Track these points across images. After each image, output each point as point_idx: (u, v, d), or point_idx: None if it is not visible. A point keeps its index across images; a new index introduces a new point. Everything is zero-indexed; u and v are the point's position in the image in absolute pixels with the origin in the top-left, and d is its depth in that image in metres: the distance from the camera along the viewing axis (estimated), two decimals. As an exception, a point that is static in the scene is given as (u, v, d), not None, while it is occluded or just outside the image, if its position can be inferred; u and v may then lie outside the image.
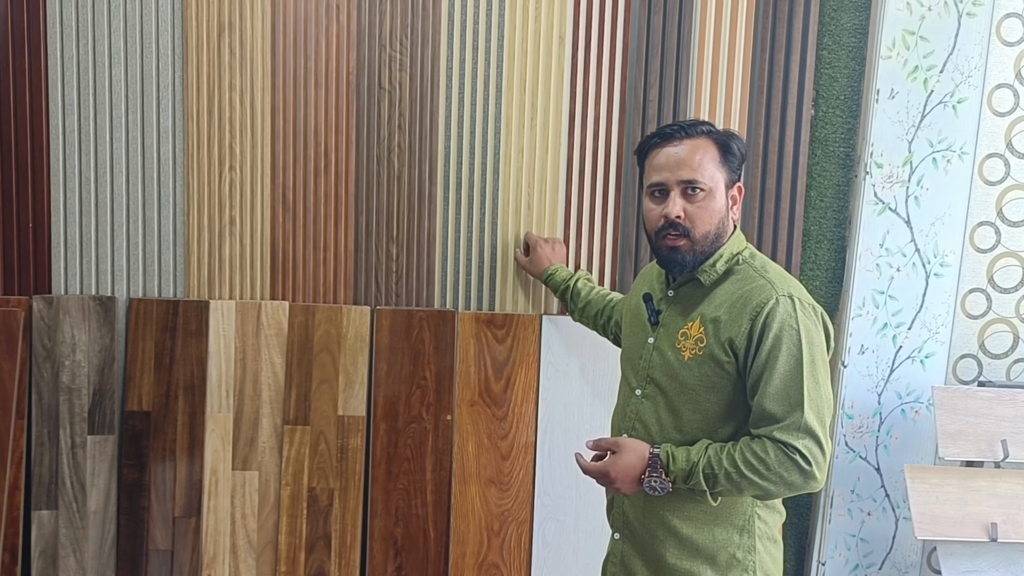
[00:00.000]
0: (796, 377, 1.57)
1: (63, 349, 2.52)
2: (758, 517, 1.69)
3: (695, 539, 1.69)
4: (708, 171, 1.64)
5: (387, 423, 2.57)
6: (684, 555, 1.70)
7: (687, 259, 1.66)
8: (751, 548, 1.68)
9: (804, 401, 1.56)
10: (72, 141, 2.50)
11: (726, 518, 1.68)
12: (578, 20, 2.52)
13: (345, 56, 2.53)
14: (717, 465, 1.59)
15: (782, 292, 1.62)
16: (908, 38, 2.45)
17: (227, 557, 2.57)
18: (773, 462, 1.56)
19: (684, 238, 1.65)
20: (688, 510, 1.69)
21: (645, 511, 1.74)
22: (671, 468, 1.63)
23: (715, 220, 1.65)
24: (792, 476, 1.56)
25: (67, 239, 2.53)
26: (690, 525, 1.69)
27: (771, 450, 1.56)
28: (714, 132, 1.68)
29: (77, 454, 2.53)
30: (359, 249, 2.59)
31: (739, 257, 1.69)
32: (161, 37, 2.49)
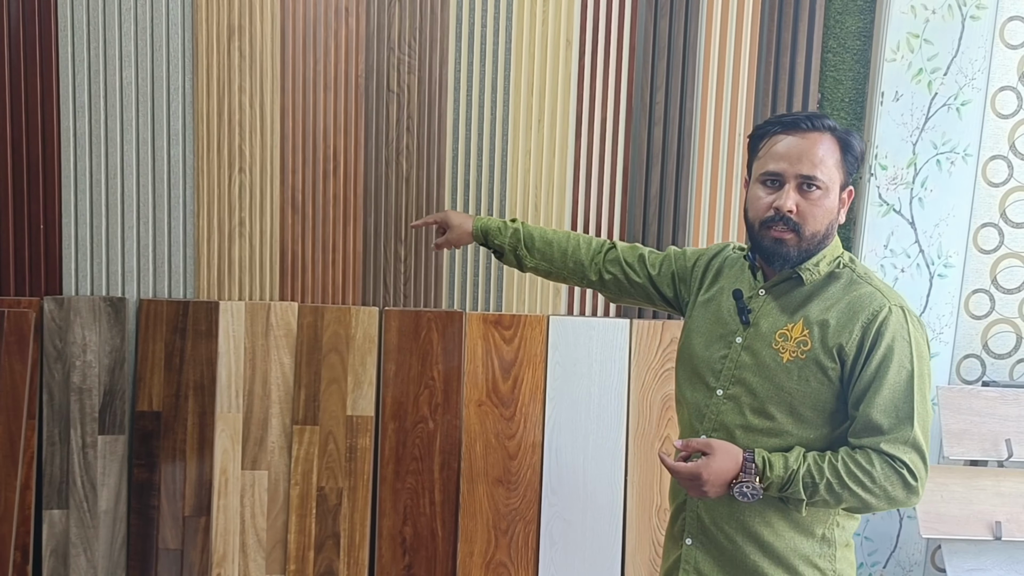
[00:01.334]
0: (907, 390, 1.52)
1: (74, 350, 2.54)
2: (838, 525, 1.63)
3: (776, 546, 1.62)
4: (828, 169, 1.55)
5: (395, 423, 2.59)
6: (765, 562, 1.62)
7: (791, 254, 1.57)
8: (832, 557, 1.63)
9: (913, 415, 1.52)
10: (83, 143, 2.52)
11: (808, 526, 1.62)
12: (585, 23, 2.54)
13: (354, 59, 2.55)
14: (818, 475, 1.52)
15: (894, 303, 1.56)
16: (912, 41, 2.47)
17: (237, 556, 2.59)
18: (879, 475, 1.50)
19: (792, 233, 1.56)
20: (770, 516, 1.62)
21: (724, 516, 1.65)
22: (767, 475, 1.54)
23: (826, 220, 1.57)
24: (896, 490, 1.52)
25: (78, 240, 2.55)
26: (772, 532, 1.62)
27: (877, 462, 1.51)
28: (837, 129, 1.59)
29: (88, 454, 2.55)
30: (368, 250, 2.61)
31: (839, 261, 1.62)
32: (171, 40, 2.51)
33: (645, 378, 2.59)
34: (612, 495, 2.60)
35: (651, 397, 2.59)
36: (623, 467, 2.60)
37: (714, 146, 2.57)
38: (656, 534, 2.60)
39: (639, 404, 2.60)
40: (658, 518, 2.60)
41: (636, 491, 2.60)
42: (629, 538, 2.60)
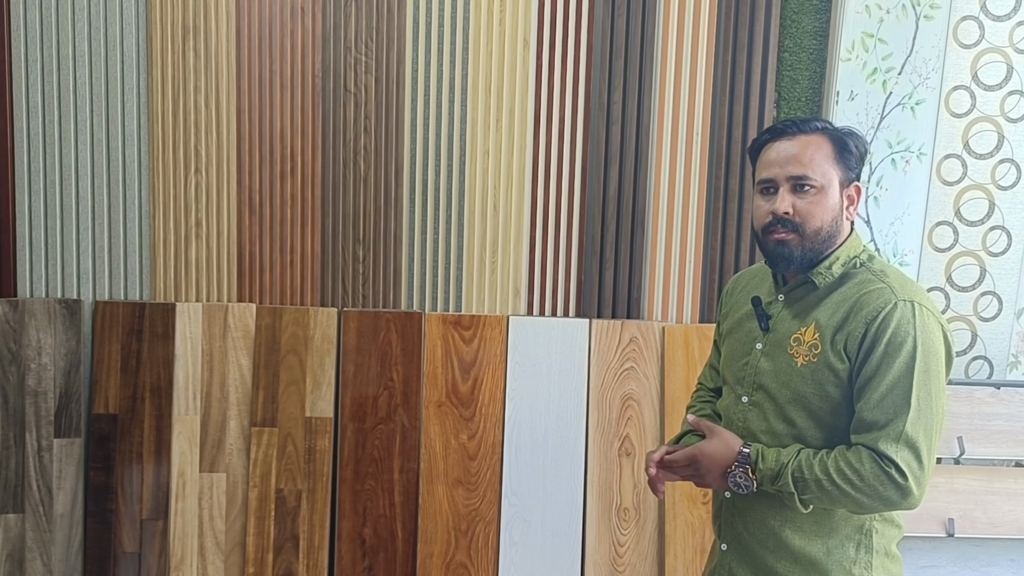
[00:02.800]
0: (905, 385, 1.48)
1: (29, 352, 2.51)
2: (876, 531, 1.59)
3: (808, 552, 1.58)
4: (820, 167, 1.56)
5: (355, 424, 2.58)
6: (796, 569, 1.59)
7: (795, 254, 1.58)
8: (868, 564, 1.58)
9: (909, 410, 1.47)
10: (37, 144, 2.50)
11: (841, 531, 1.58)
12: (542, 22, 2.54)
13: (311, 59, 2.53)
14: (808, 470, 1.51)
15: (902, 297, 1.52)
16: (867, 40, 2.48)
17: (195, 559, 2.57)
18: (868, 474, 1.47)
19: (794, 233, 1.57)
20: (800, 521, 1.59)
21: (754, 521, 1.64)
22: (759, 466, 1.54)
23: (827, 218, 1.57)
24: (887, 491, 1.47)
25: (32, 242, 2.53)
26: (802, 537, 1.59)
27: (866, 461, 1.48)
28: (829, 129, 1.60)
29: (43, 457, 2.53)
30: (326, 251, 2.60)
31: (857, 260, 1.60)
32: (126, 40, 2.49)
33: (605, 377, 2.59)
34: (572, 495, 2.60)
35: (610, 396, 2.60)
36: (583, 467, 2.60)
37: (672, 145, 2.57)
38: (616, 534, 2.60)
39: (599, 404, 2.60)
40: (618, 517, 2.60)
41: (596, 491, 2.60)
42: (589, 538, 2.60)
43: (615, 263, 2.61)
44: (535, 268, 2.61)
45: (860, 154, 1.61)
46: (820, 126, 1.59)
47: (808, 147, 1.57)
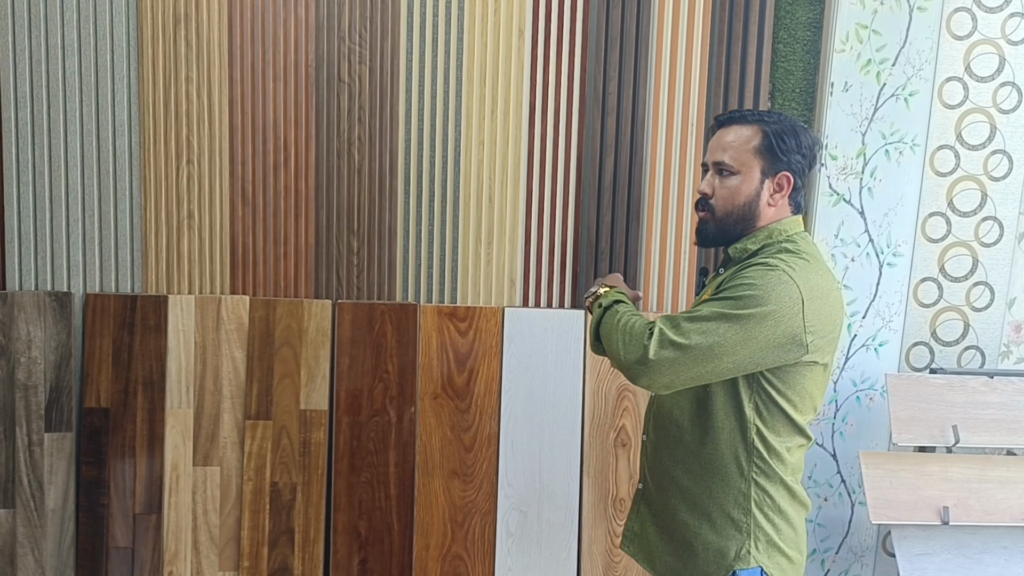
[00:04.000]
0: (718, 307, 1.59)
1: (18, 346, 2.48)
2: (755, 483, 1.69)
3: (694, 492, 1.72)
4: (740, 156, 1.70)
5: (350, 417, 2.57)
6: (684, 507, 1.74)
7: (709, 231, 1.75)
8: (747, 511, 1.69)
9: (700, 314, 1.59)
10: (25, 134, 2.46)
11: (723, 476, 1.69)
12: (537, 13, 2.53)
13: (304, 48, 2.51)
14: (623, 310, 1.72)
15: (773, 264, 1.62)
16: (861, 32, 2.49)
17: (189, 553, 2.56)
18: (637, 328, 1.64)
19: (709, 213, 1.74)
20: (689, 463, 1.73)
21: (656, 460, 1.80)
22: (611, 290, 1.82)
23: (738, 201, 1.70)
24: (634, 347, 1.61)
25: (21, 234, 2.49)
26: (690, 477, 1.73)
27: (644, 325, 1.65)
28: (767, 122, 1.71)
29: (34, 452, 2.50)
30: (320, 243, 2.58)
31: (778, 239, 1.71)
32: (116, 29, 2.46)
33: (600, 368, 2.59)
34: (568, 486, 2.60)
35: (606, 387, 2.60)
36: (579, 458, 2.60)
37: (667, 135, 2.57)
38: (612, 524, 2.60)
39: (594, 395, 2.60)
40: (614, 508, 2.60)
41: (592, 482, 2.60)
42: (585, 529, 2.61)
43: (611, 254, 2.61)
44: (530, 259, 2.61)
45: (796, 147, 1.70)
46: (756, 118, 1.72)
47: (736, 136, 1.72)
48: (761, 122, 1.72)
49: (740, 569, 1.68)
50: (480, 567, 2.61)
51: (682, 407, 1.75)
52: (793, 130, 1.72)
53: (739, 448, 1.69)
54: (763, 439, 1.68)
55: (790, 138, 1.70)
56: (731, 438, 1.69)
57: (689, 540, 1.73)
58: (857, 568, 2.68)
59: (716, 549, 1.70)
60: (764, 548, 1.69)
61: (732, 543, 1.69)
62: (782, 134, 1.70)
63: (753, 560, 1.68)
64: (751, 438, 1.68)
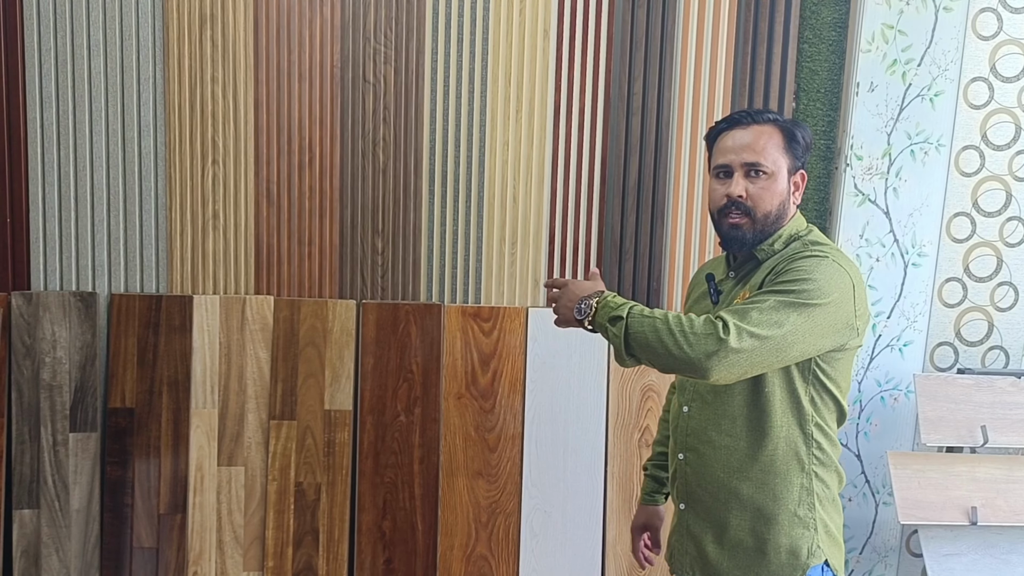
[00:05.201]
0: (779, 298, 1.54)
1: (43, 346, 2.48)
2: (816, 476, 1.68)
3: (756, 499, 1.68)
4: (771, 155, 1.68)
5: (374, 417, 2.57)
6: (748, 517, 1.69)
7: (747, 236, 1.69)
8: (811, 506, 1.68)
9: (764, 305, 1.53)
10: (51, 135, 2.46)
11: (785, 475, 1.67)
12: (563, 14, 2.53)
13: (329, 49, 2.51)
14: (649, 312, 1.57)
15: (819, 253, 1.62)
16: (887, 32, 2.49)
17: (213, 553, 2.55)
18: (698, 325, 1.52)
19: (746, 217, 1.68)
20: (747, 470, 1.69)
21: (707, 476, 1.74)
22: (607, 299, 1.63)
23: (776, 202, 1.69)
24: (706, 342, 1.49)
25: (46, 234, 2.49)
26: (750, 485, 1.68)
27: (701, 319, 1.54)
28: (780, 120, 1.72)
29: (59, 452, 2.50)
30: (344, 243, 2.58)
31: (797, 235, 1.72)
32: (142, 29, 2.46)
33: (624, 369, 2.59)
34: (592, 486, 2.60)
35: (630, 388, 2.60)
36: (603, 458, 2.60)
37: (692, 136, 2.57)
38: (636, 524, 2.60)
39: (618, 395, 2.59)
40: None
41: (616, 482, 2.60)
42: (609, 529, 2.60)
43: (635, 255, 2.61)
44: (554, 260, 2.61)
45: (806, 144, 1.73)
46: (771, 117, 1.72)
47: (761, 136, 1.69)
48: (775, 122, 1.72)
49: (813, 565, 1.67)
50: (505, 567, 2.61)
51: (733, 416, 1.69)
52: (799, 125, 1.74)
53: (799, 443, 1.67)
54: (820, 429, 1.68)
55: (800, 134, 1.72)
56: (791, 434, 1.66)
57: (760, 548, 1.69)
58: (881, 568, 2.68)
59: (789, 551, 1.67)
60: (827, 540, 1.70)
61: (803, 541, 1.68)
62: (795, 131, 1.72)
63: (822, 553, 1.68)
64: (810, 430, 1.67)
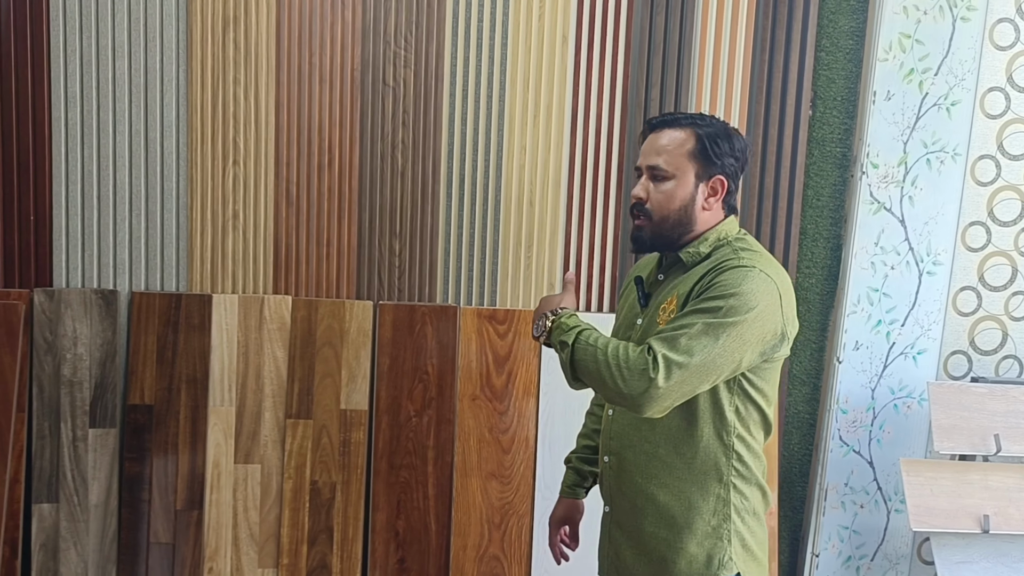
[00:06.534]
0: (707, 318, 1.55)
1: (64, 342, 2.51)
2: (734, 487, 1.67)
3: (672, 506, 1.68)
4: (674, 160, 1.68)
5: (389, 417, 2.59)
6: (663, 524, 1.69)
7: (646, 238, 1.72)
8: (727, 516, 1.67)
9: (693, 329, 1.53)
10: (75, 134, 2.50)
11: (702, 485, 1.67)
12: (581, 19, 2.55)
13: (350, 52, 2.54)
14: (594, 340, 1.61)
15: (747, 264, 1.61)
16: (904, 41, 2.50)
17: (229, 550, 2.58)
18: (633, 358, 1.54)
19: (647, 219, 1.71)
20: (664, 477, 1.69)
21: (627, 481, 1.75)
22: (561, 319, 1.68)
23: (675, 206, 1.69)
24: (638, 379, 1.52)
25: (68, 232, 2.53)
26: (667, 492, 1.68)
27: (638, 350, 1.55)
28: (700, 125, 1.70)
29: (78, 447, 2.53)
30: (362, 244, 2.60)
31: (725, 240, 1.71)
32: (166, 31, 2.49)
33: (638, 373, 2.60)
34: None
35: (644, 392, 2.61)
36: (616, 461, 2.61)
37: (708, 143, 2.58)
38: (648, 528, 2.61)
39: (632, 399, 2.61)
40: (650, 512, 2.61)
41: (629, 485, 2.62)
42: (621, 532, 2.62)
43: (650, 259, 2.62)
44: (570, 263, 2.63)
45: (730, 151, 1.70)
46: (688, 122, 1.71)
47: (669, 140, 1.70)
48: (694, 125, 1.71)
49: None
50: (517, 568, 2.63)
51: (652, 422, 1.68)
52: (726, 134, 1.71)
53: (719, 453, 1.66)
54: (743, 440, 1.67)
55: (723, 142, 1.70)
56: (711, 444, 1.66)
57: (672, 557, 1.69)
58: (892, 575, 2.69)
59: (700, 561, 1.68)
60: (741, 553, 1.69)
61: (715, 552, 1.67)
62: (715, 138, 1.70)
63: (734, 565, 1.68)
64: (731, 441, 1.66)
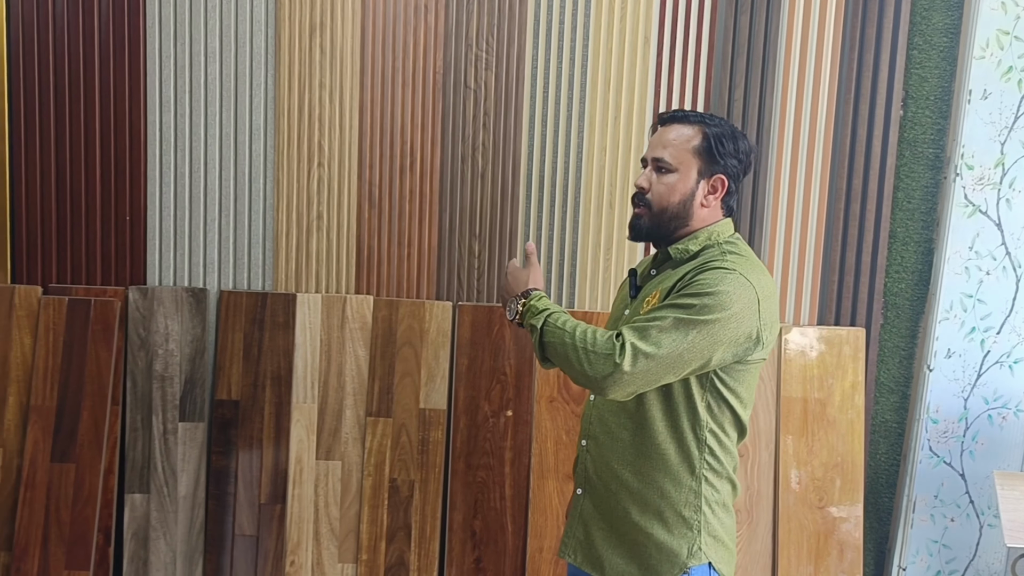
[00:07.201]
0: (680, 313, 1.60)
1: (157, 339, 2.61)
2: (706, 480, 1.72)
3: (644, 493, 1.73)
4: (679, 154, 1.73)
5: (467, 417, 2.61)
6: (635, 508, 1.74)
7: (643, 226, 1.77)
8: (698, 508, 1.72)
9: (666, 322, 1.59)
10: (168, 137, 2.59)
11: (675, 475, 1.72)
12: (663, 20, 2.53)
13: (432, 55, 2.57)
14: (563, 322, 1.68)
15: (729, 267, 1.65)
16: (1002, 38, 2.40)
17: (310, 544, 2.64)
18: (601, 341, 1.61)
19: (645, 208, 1.77)
20: (639, 464, 1.74)
21: (602, 465, 1.80)
22: (532, 302, 1.76)
23: (675, 199, 1.74)
24: (603, 363, 1.59)
25: (162, 232, 2.62)
26: (640, 479, 1.74)
27: (607, 334, 1.62)
28: (708, 124, 1.75)
29: (169, 440, 2.62)
30: (442, 245, 2.63)
31: (716, 240, 1.75)
32: (255, 37, 2.56)
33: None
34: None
35: (724, 397, 2.57)
36: (695, 467, 2.58)
37: (793, 145, 2.53)
38: (727, 535, 2.57)
39: (712, 404, 2.57)
40: (729, 519, 2.57)
41: (707, 491, 2.58)
42: (700, 538, 2.58)
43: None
44: (650, 266, 2.60)
45: (733, 152, 1.74)
46: (698, 119, 1.76)
47: (676, 135, 1.75)
48: (703, 123, 1.75)
49: (693, 566, 1.72)
50: (593, 572, 2.61)
51: (630, 410, 1.74)
52: (732, 135, 1.76)
53: (692, 446, 1.71)
54: (715, 436, 1.72)
55: (728, 142, 1.74)
56: (683, 436, 1.71)
57: (642, 541, 1.74)
58: (983, 592, 2.59)
59: (670, 549, 1.72)
60: (711, 543, 1.74)
61: (684, 541, 1.72)
62: (721, 137, 1.74)
63: (704, 555, 1.72)
64: (703, 435, 1.71)
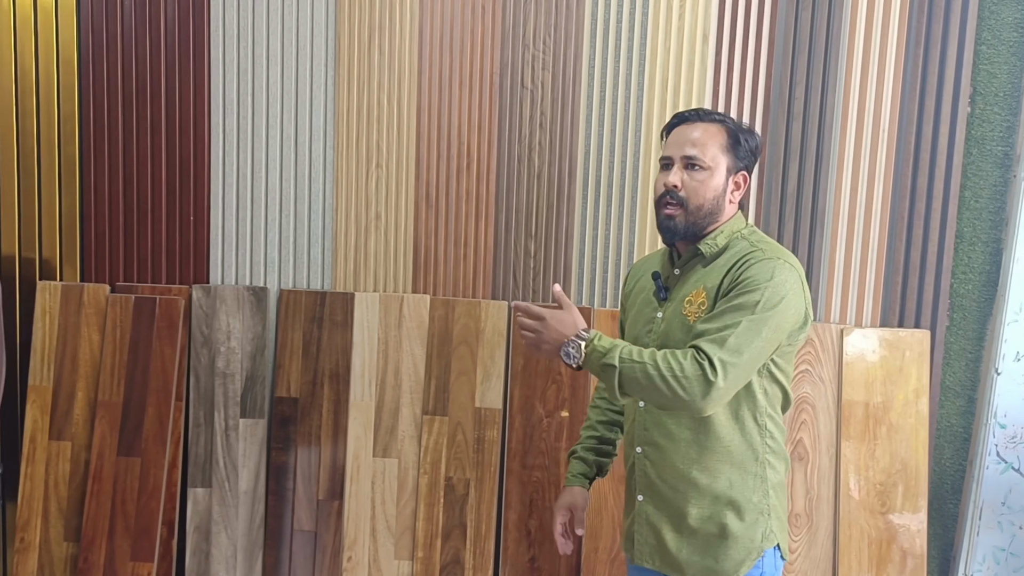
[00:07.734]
0: (744, 312, 1.63)
1: (219, 336, 2.66)
2: (768, 464, 1.77)
3: (714, 487, 1.75)
4: (711, 152, 1.76)
5: (523, 416, 2.61)
6: (706, 504, 1.76)
7: (679, 227, 1.77)
8: (765, 492, 1.76)
9: (738, 327, 1.61)
10: (231, 139, 2.64)
11: (740, 465, 1.75)
12: (723, 17, 2.50)
13: (489, 56, 2.58)
14: (637, 355, 1.63)
15: (769, 256, 1.70)
16: (1076, 32, 2.33)
17: (367, 540, 2.66)
18: (688, 366, 1.60)
19: (679, 207, 1.76)
20: (705, 460, 1.75)
21: (665, 468, 1.80)
22: (594, 343, 1.66)
23: (710, 196, 1.76)
24: (697, 385, 1.59)
25: (224, 232, 2.67)
26: (708, 475, 1.75)
27: (689, 356, 1.61)
28: (729, 122, 1.80)
29: (230, 436, 2.67)
30: (499, 245, 2.64)
31: (739, 233, 1.79)
32: (315, 39, 2.60)
33: (777, 380, 2.53)
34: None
35: (783, 399, 2.53)
36: (753, 469, 2.55)
37: (856, 143, 2.49)
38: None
39: (771, 406, 2.54)
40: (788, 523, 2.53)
41: (766, 494, 2.54)
42: (757, 542, 2.55)
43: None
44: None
45: (751, 149, 1.80)
46: (720, 118, 1.80)
47: (704, 133, 1.77)
48: (723, 122, 1.79)
49: (767, 549, 1.76)
50: (648, 574, 2.60)
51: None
52: (749, 132, 1.81)
53: (754, 433, 1.75)
54: (772, 419, 1.76)
55: (748, 139, 1.79)
56: (747, 426, 1.74)
57: (719, 534, 1.76)
58: (1054, 604, 2.51)
59: (746, 536, 1.75)
60: (778, 524, 1.78)
61: (759, 527, 1.76)
62: (739, 134, 1.79)
63: (775, 537, 1.77)
64: (764, 421, 1.75)
